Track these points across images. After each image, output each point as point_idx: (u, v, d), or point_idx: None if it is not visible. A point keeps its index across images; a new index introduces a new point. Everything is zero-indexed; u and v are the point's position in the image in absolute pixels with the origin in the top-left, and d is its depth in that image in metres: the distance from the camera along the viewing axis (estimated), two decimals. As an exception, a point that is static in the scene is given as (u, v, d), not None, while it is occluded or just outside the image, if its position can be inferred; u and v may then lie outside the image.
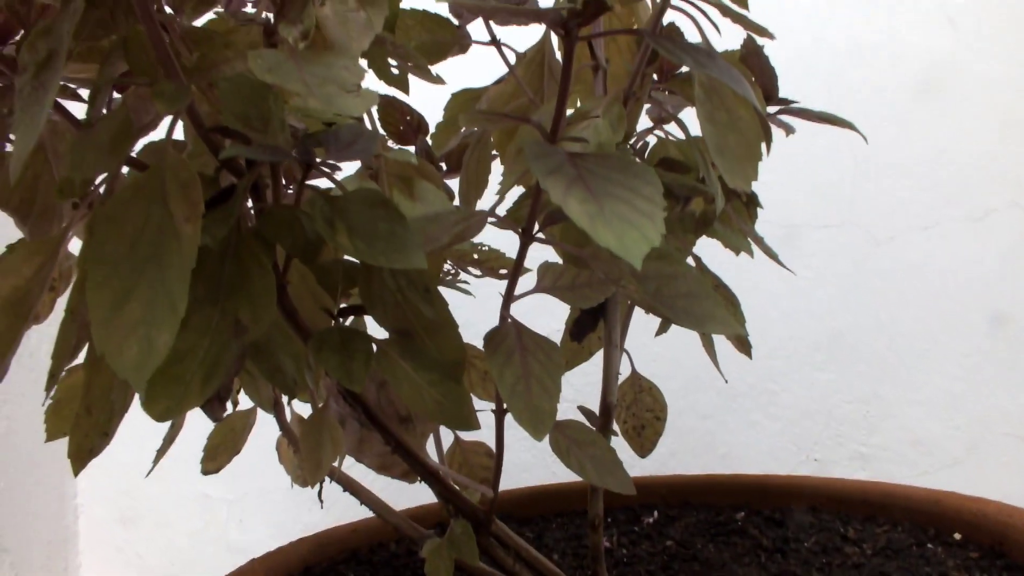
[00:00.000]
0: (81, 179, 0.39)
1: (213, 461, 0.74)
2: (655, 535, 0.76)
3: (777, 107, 0.69)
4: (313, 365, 0.42)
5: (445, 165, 0.90)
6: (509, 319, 0.44)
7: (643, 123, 0.69)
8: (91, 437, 0.39)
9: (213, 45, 0.37)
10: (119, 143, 0.37)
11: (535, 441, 0.39)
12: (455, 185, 0.90)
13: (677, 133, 0.67)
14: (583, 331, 0.56)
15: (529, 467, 1.18)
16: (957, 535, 0.68)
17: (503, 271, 0.92)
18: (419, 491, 0.64)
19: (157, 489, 1.34)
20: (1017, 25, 1.29)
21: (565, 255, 0.50)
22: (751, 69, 0.68)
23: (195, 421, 0.58)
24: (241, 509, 1.42)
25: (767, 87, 0.67)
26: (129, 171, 0.43)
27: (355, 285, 0.41)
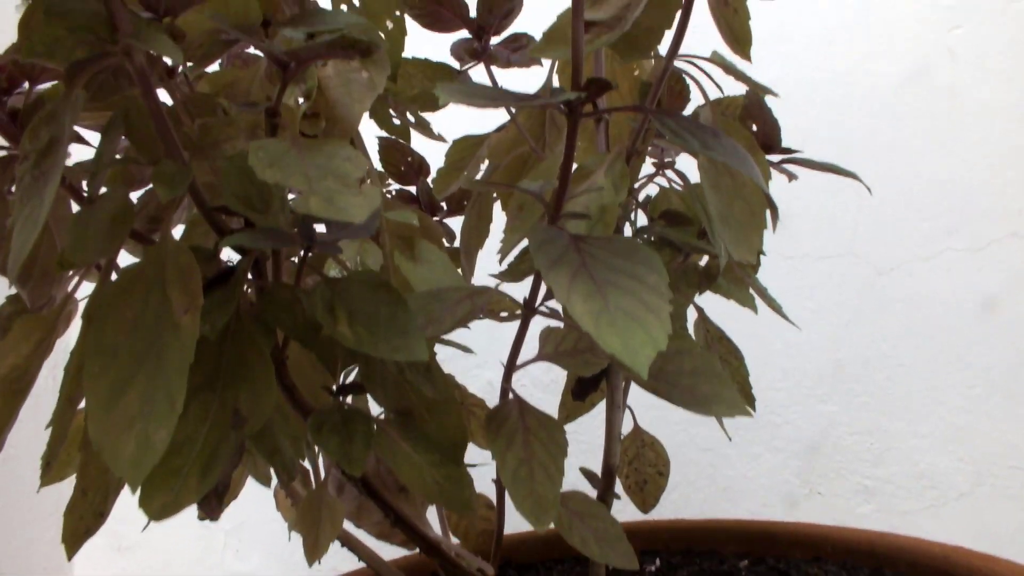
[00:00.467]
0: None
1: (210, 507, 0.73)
2: (658, 585, 0.75)
3: (780, 156, 0.69)
4: (312, 443, 0.42)
5: (446, 205, 0.90)
6: (511, 395, 0.43)
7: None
8: (86, 519, 0.39)
9: (215, 123, 0.37)
10: (119, 225, 0.37)
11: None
12: (455, 223, 0.90)
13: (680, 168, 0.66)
14: (585, 392, 0.56)
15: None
16: (965, 592, 0.67)
17: (503, 313, 0.91)
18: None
19: (155, 521, 1.33)
20: (1016, 55, 1.29)
21: (568, 322, 0.49)
22: (753, 120, 0.68)
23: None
24: (238, 538, 1.41)
25: (770, 137, 0.67)
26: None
27: (355, 362, 0.41)
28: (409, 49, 0.71)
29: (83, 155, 0.53)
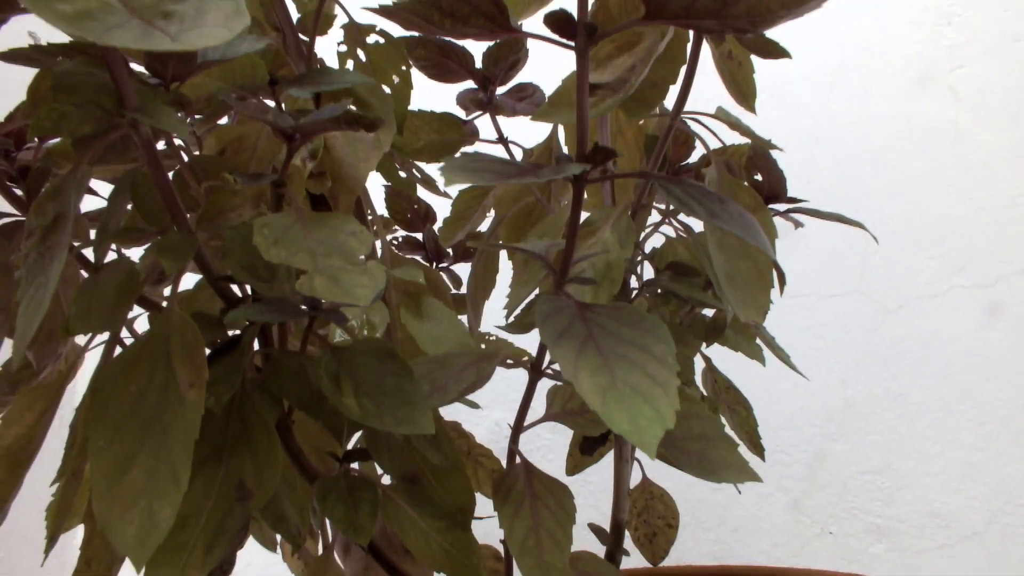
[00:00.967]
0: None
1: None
2: (669, 638, 0.74)
3: (787, 206, 0.69)
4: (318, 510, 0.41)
5: (452, 252, 0.90)
6: (518, 459, 0.43)
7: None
8: (90, 590, 0.38)
9: (221, 193, 0.37)
10: (124, 296, 0.37)
11: None
12: (460, 269, 0.90)
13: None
14: (593, 448, 0.55)
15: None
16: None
17: (509, 360, 0.91)
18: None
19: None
20: (1018, 94, 1.30)
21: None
22: (759, 170, 0.68)
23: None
24: (245, 584, 1.39)
25: (775, 188, 0.67)
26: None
27: (361, 428, 0.41)
28: (415, 95, 0.72)
29: (91, 204, 0.53)
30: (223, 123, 0.69)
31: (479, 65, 0.74)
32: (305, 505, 0.40)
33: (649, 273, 0.69)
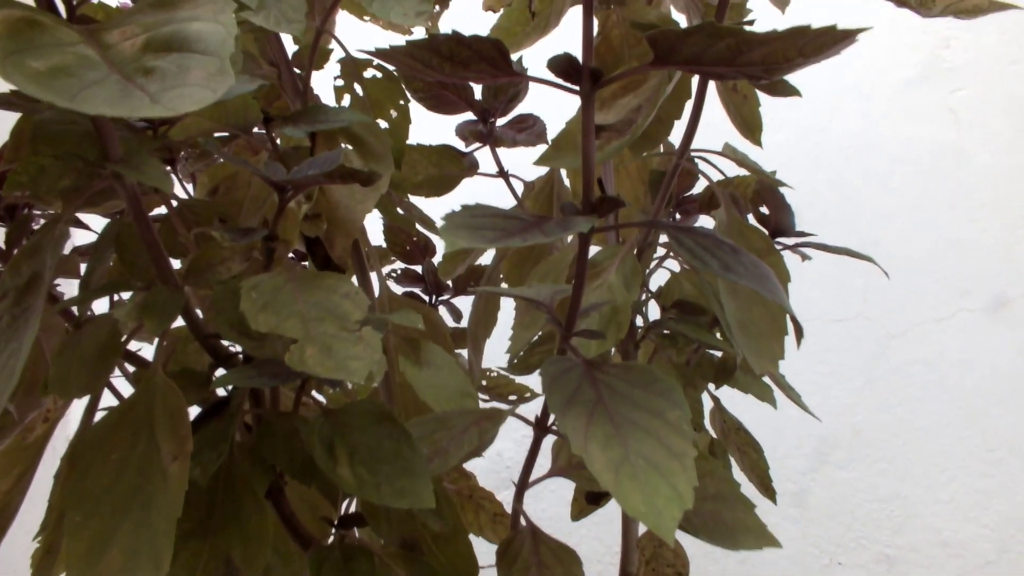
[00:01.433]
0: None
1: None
2: None
3: (795, 240, 0.67)
4: (312, 579, 0.39)
5: (452, 285, 0.88)
6: (523, 521, 0.40)
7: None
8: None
9: (209, 245, 0.35)
10: (105, 357, 0.35)
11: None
12: (462, 303, 0.88)
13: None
14: (598, 498, 0.53)
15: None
16: None
17: (512, 396, 0.89)
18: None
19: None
20: (1015, 114, 1.29)
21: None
22: (766, 204, 0.66)
23: None
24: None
25: (783, 222, 0.65)
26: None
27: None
28: (413, 126, 0.70)
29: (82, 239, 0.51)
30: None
31: (479, 97, 0.73)
32: (297, 574, 0.38)
33: (654, 311, 0.67)
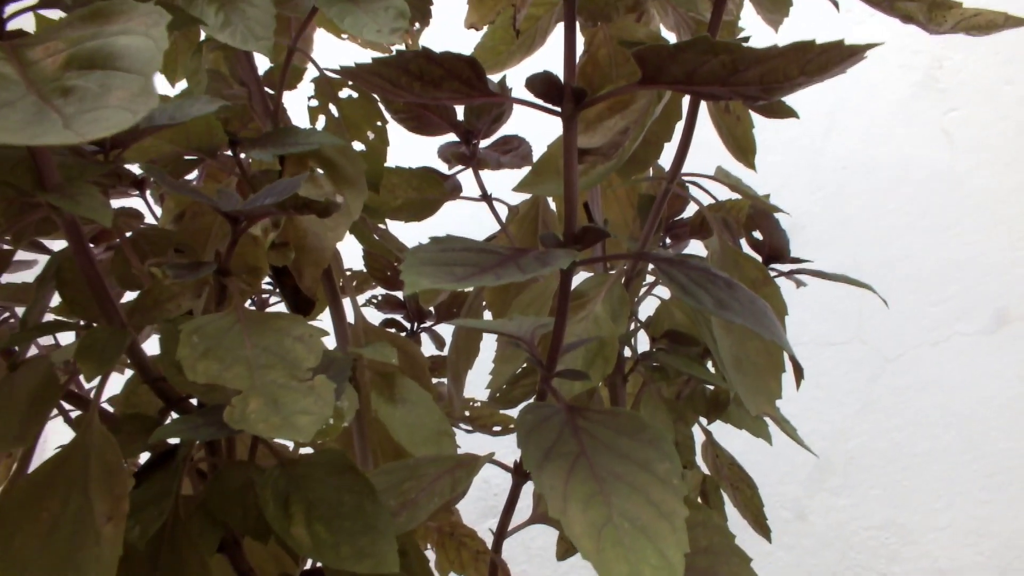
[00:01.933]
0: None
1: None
2: None
3: (790, 266, 0.65)
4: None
5: (434, 311, 0.86)
6: (499, 571, 0.37)
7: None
8: None
9: (155, 286, 0.32)
10: (39, 405, 0.31)
11: None
12: (445, 330, 0.85)
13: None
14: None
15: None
16: None
17: (497, 427, 0.86)
18: None
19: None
20: (1012, 137, 1.27)
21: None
22: (760, 229, 0.63)
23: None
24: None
25: (778, 248, 0.63)
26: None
27: (320, 547, 0.35)
28: (394, 148, 0.67)
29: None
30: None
31: (461, 117, 0.70)
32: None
33: (643, 341, 0.64)
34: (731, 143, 0.57)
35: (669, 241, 0.71)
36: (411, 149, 0.75)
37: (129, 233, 0.41)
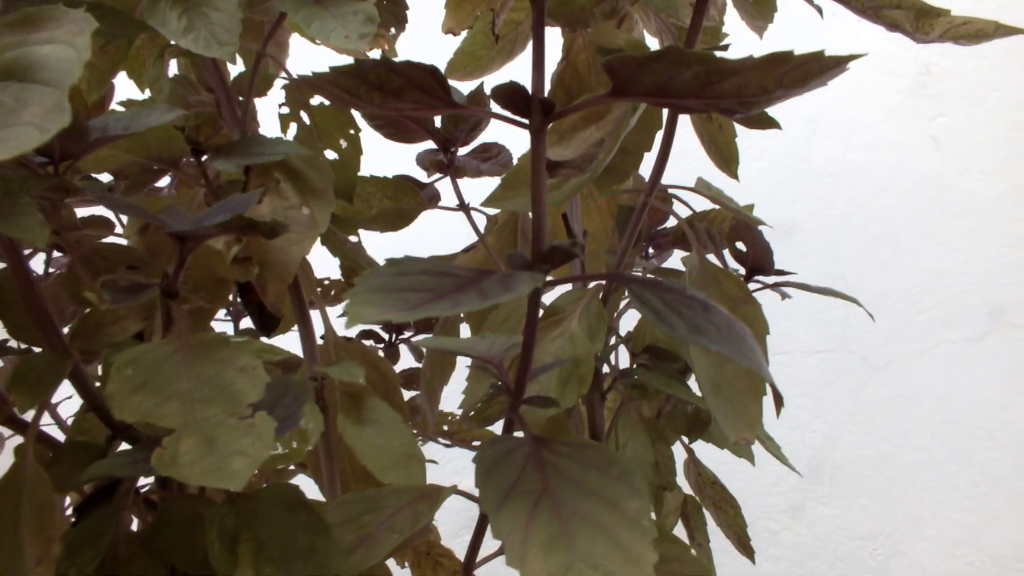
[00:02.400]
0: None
1: None
2: None
3: (774, 279, 0.63)
4: None
5: (413, 322, 0.84)
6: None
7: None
8: None
9: (95, 312, 0.30)
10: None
11: None
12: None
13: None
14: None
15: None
16: None
17: (476, 442, 0.84)
18: None
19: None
20: (999, 144, 1.27)
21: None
22: (743, 242, 0.62)
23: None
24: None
25: (761, 260, 0.61)
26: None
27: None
28: (371, 155, 0.65)
29: None
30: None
31: (439, 125, 0.69)
32: None
33: (624, 356, 0.62)
34: (714, 152, 0.55)
35: (652, 251, 0.70)
36: (391, 156, 0.73)
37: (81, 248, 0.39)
